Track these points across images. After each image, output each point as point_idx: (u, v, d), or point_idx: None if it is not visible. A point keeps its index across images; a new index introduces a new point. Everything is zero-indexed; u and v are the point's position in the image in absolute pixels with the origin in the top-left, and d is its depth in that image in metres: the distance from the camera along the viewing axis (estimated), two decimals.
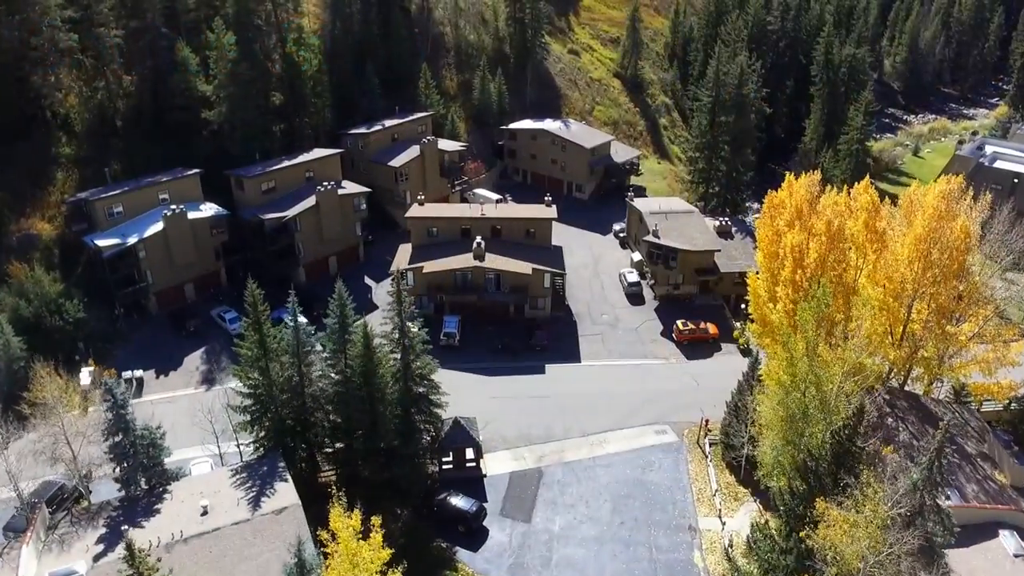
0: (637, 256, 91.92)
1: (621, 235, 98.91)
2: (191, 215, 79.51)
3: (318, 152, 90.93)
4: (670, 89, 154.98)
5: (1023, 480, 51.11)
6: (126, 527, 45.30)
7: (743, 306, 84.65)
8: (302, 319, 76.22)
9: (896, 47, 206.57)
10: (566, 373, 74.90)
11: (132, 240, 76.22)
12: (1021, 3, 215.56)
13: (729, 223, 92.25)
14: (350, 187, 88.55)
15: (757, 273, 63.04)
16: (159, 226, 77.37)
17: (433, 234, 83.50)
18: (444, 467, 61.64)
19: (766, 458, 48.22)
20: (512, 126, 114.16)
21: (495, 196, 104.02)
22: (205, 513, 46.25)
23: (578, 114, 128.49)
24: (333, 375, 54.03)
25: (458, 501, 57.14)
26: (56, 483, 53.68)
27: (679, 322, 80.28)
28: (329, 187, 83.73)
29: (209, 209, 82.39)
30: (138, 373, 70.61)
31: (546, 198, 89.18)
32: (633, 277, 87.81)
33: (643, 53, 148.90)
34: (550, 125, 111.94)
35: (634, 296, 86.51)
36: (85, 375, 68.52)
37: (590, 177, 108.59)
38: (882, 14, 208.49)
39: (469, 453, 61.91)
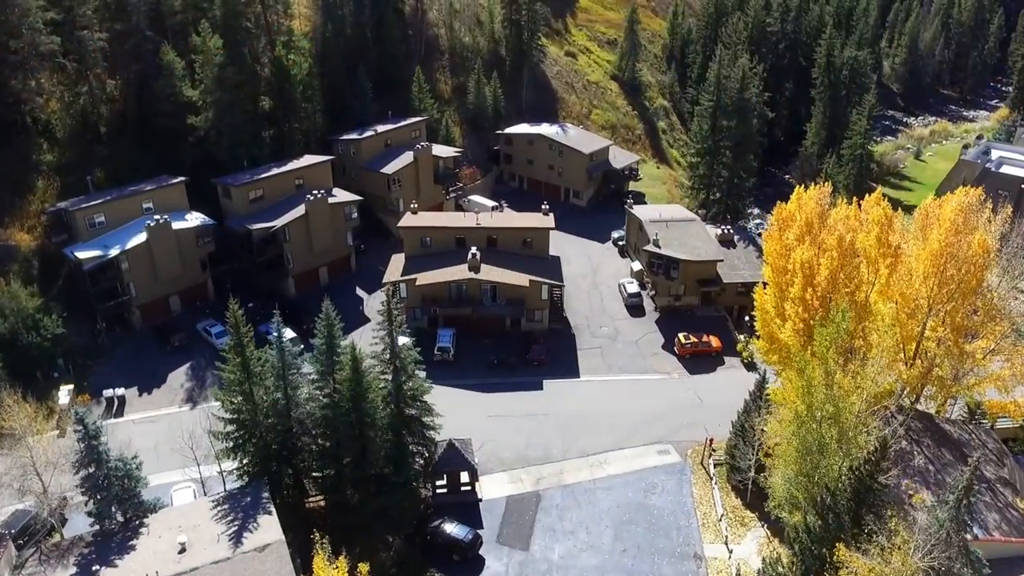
0: (637, 265, 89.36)
1: (620, 243, 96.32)
2: (176, 225, 76.75)
3: (308, 159, 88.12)
4: (668, 92, 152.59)
5: None
6: (98, 567, 42.52)
7: (747, 318, 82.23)
8: (289, 333, 74.07)
9: (895, 48, 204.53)
10: (565, 389, 72.30)
11: (114, 252, 73.38)
12: (1021, 4, 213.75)
13: (731, 231, 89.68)
14: (341, 195, 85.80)
15: (765, 287, 60.31)
16: (142, 237, 74.57)
17: (427, 244, 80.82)
18: (438, 491, 59.07)
19: (778, 490, 45.64)
20: (508, 131, 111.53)
21: (490, 203, 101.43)
22: (183, 551, 43.47)
23: (575, 118, 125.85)
24: (321, 398, 51.26)
25: (453, 529, 54.50)
26: (28, 512, 50.85)
27: (681, 335, 77.73)
28: (319, 196, 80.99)
29: (195, 219, 79.63)
30: (119, 391, 67.74)
31: (543, 206, 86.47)
32: (633, 288, 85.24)
33: (641, 55, 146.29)
34: (547, 130, 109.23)
35: (634, 307, 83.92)
36: (63, 394, 65.84)
37: (588, 183, 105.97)
38: (881, 15, 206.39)
39: (464, 477, 59.30)
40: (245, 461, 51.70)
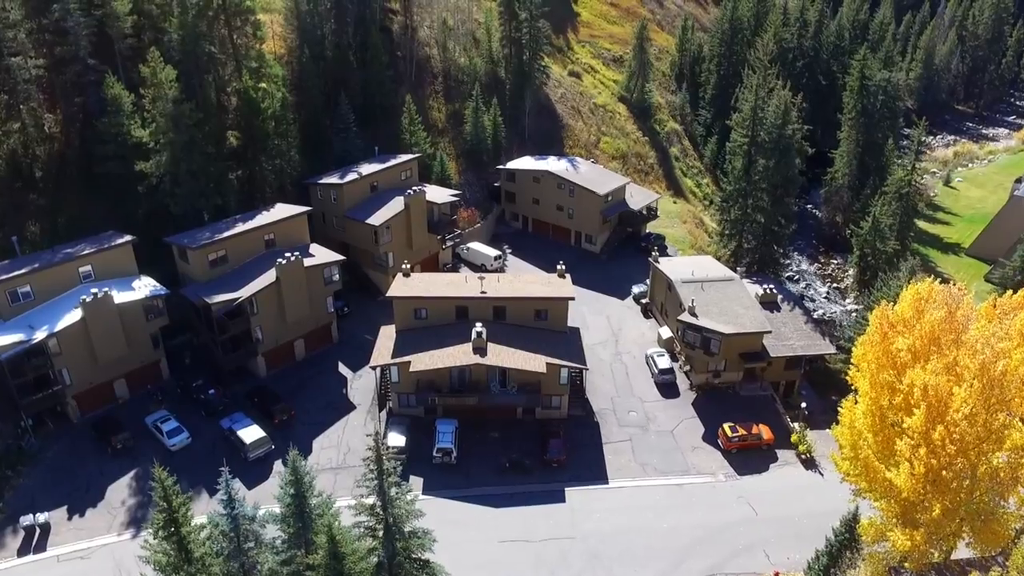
0: (666, 331, 76.93)
1: (643, 301, 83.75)
2: (120, 297, 63.53)
3: (281, 210, 74.92)
4: (679, 113, 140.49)
5: None
6: None
7: (803, 405, 70.15)
8: (256, 432, 61.31)
9: (910, 63, 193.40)
10: (592, 501, 59.67)
11: (41, 334, 60.07)
12: None
13: (774, 291, 77.41)
14: (320, 254, 72.63)
15: (855, 398, 47.65)
16: (77, 315, 61.31)
17: (422, 316, 67.97)
18: None
19: None
20: (510, 165, 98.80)
21: (493, 252, 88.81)
22: None
23: (583, 147, 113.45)
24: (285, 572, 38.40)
25: None
26: None
27: (726, 426, 65.38)
28: (292, 258, 67.72)
29: (144, 287, 66.41)
30: (41, 518, 54.34)
31: (559, 267, 73.81)
32: (664, 362, 72.69)
33: (649, 74, 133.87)
34: (555, 166, 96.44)
35: (666, 386, 71.47)
36: None
37: (603, 226, 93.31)
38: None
39: None
40: None
